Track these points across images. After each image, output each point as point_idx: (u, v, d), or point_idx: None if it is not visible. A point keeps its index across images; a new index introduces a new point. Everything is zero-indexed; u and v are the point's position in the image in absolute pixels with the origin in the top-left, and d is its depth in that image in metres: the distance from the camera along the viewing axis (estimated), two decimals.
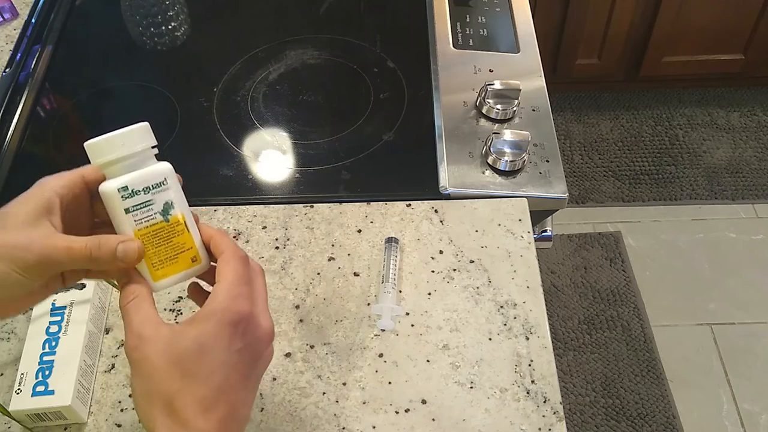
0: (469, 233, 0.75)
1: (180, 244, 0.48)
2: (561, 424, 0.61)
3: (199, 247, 0.49)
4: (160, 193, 0.47)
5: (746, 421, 1.55)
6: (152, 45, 0.98)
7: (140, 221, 0.46)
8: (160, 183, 0.47)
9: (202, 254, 0.49)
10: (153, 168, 0.47)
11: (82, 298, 0.66)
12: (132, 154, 0.46)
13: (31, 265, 0.43)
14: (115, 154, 0.46)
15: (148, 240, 0.47)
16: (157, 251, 0.47)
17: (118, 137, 0.46)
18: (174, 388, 0.42)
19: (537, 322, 0.68)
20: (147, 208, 0.46)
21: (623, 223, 1.90)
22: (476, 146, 0.81)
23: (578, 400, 1.59)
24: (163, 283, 0.48)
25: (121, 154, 0.46)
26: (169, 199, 0.47)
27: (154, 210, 0.47)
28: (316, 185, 0.81)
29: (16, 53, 0.96)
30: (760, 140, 2.05)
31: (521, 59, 0.91)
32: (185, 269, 0.48)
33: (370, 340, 0.67)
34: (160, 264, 0.47)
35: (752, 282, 1.77)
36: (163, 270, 0.47)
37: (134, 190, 0.46)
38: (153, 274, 0.47)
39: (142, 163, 0.47)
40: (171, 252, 0.48)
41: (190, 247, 0.48)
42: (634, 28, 1.90)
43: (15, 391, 0.60)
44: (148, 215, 0.47)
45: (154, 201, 0.47)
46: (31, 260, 0.43)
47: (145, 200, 0.46)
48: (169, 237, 0.47)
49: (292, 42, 0.97)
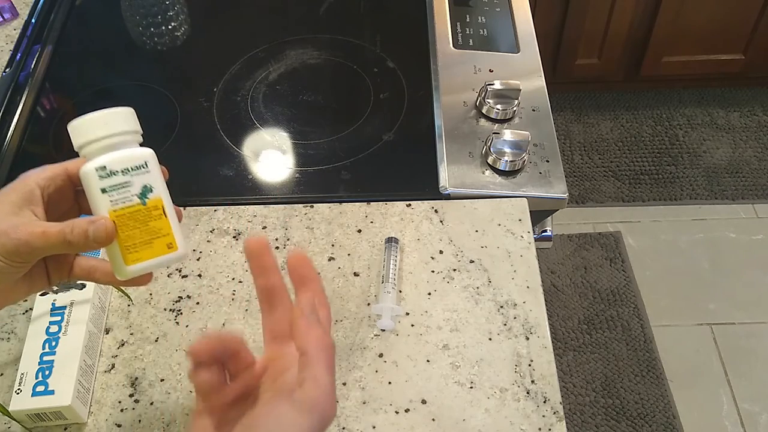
0: (469, 233, 0.75)
1: (156, 228, 0.47)
2: (561, 424, 0.61)
3: (177, 235, 0.48)
4: (140, 176, 0.46)
5: (746, 421, 1.55)
6: (152, 45, 0.98)
7: (116, 202, 0.46)
8: (140, 166, 0.47)
9: (179, 242, 0.48)
10: (134, 150, 0.47)
11: (82, 298, 0.66)
12: (112, 134, 0.46)
13: (11, 250, 0.44)
14: (95, 134, 0.46)
15: (124, 222, 0.46)
16: (132, 234, 0.46)
17: (100, 117, 0.46)
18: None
19: (537, 322, 0.68)
20: (124, 189, 0.46)
21: (623, 223, 1.90)
22: (476, 146, 0.81)
23: (578, 400, 1.59)
24: (136, 267, 0.47)
25: (102, 134, 0.46)
26: (148, 183, 0.47)
27: (132, 192, 0.46)
28: (316, 185, 0.81)
29: (16, 53, 0.96)
30: (760, 140, 2.05)
31: (521, 59, 0.91)
32: (160, 255, 0.47)
33: (370, 340, 0.67)
34: (134, 247, 0.46)
35: (752, 282, 1.77)
36: (137, 254, 0.46)
37: (112, 170, 0.46)
38: (126, 257, 0.46)
39: (123, 145, 0.47)
40: (146, 236, 0.47)
41: (167, 233, 0.47)
42: (634, 28, 1.90)
43: (15, 391, 0.60)
44: (125, 197, 0.46)
45: (132, 183, 0.46)
46: (10, 245, 0.44)
47: (123, 181, 0.46)
48: (145, 220, 0.47)
49: (292, 42, 0.98)
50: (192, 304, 0.70)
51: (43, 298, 0.66)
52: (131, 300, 0.71)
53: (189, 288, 0.72)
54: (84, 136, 0.46)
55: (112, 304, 0.71)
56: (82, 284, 0.67)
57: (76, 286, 0.67)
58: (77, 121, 0.46)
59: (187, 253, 0.49)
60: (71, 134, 0.47)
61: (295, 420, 0.41)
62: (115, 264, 0.48)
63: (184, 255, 0.48)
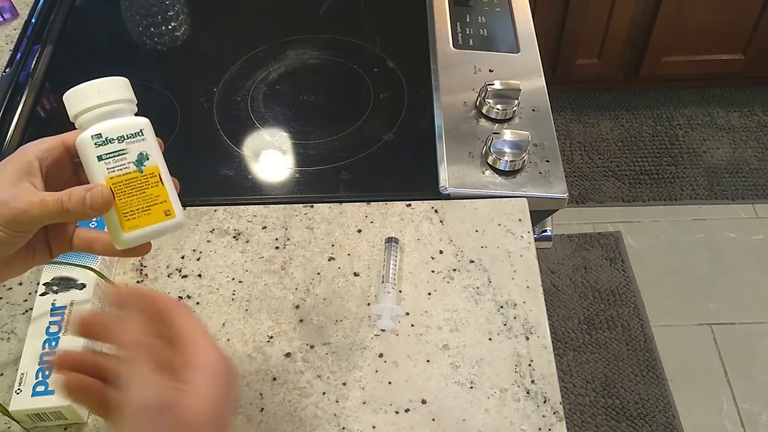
0: (469, 233, 0.75)
1: (153, 195, 0.47)
2: (561, 424, 0.61)
3: (174, 202, 0.48)
4: (135, 143, 0.47)
5: (746, 421, 1.55)
6: (152, 45, 0.98)
7: (113, 169, 0.46)
8: (136, 134, 0.47)
9: (176, 209, 0.48)
10: (129, 118, 0.48)
11: (82, 298, 0.66)
12: (107, 103, 0.47)
13: (10, 219, 0.44)
14: (90, 102, 0.46)
15: (120, 189, 0.46)
16: (129, 201, 0.47)
17: (94, 85, 0.47)
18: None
19: (537, 322, 0.68)
20: (120, 156, 0.46)
21: (623, 223, 1.90)
22: (476, 146, 0.81)
23: (578, 400, 1.59)
24: (134, 235, 0.47)
25: (96, 102, 0.46)
26: (144, 150, 0.47)
27: (128, 159, 0.47)
28: (316, 185, 0.81)
29: (16, 53, 0.96)
30: (760, 140, 2.05)
31: (521, 59, 0.91)
32: (158, 222, 0.48)
33: (370, 340, 0.67)
34: (132, 215, 0.47)
35: (752, 282, 1.77)
36: (134, 221, 0.47)
37: (108, 137, 0.46)
38: (123, 224, 0.47)
39: (118, 113, 0.47)
40: (143, 203, 0.47)
41: (164, 200, 0.48)
42: (634, 28, 1.90)
43: (15, 391, 0.60)
44: (122, 164, 0.46)
45: (128, 150, 0.46)
46: (9, 215, 0.44)
47: (119, 149, 0.46)
48: (142, 188, 0.47)
49: (292, 42, 0.98)
50: (192, 304, 0.70)
51: (43, 298, 0.66)
52: None
53: (189, 288, 0.72)
54: (79, 104, 0.47)
55: None
56: (82, 284, 0.67)
57: (76, 286, 0.67)
58: (72, 90, 0.47)
59: (184, 222, 0.49)
60: (66, 103, 0.47)
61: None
62: (113, 233, 0.48)
63: (181, 222, 0.49)
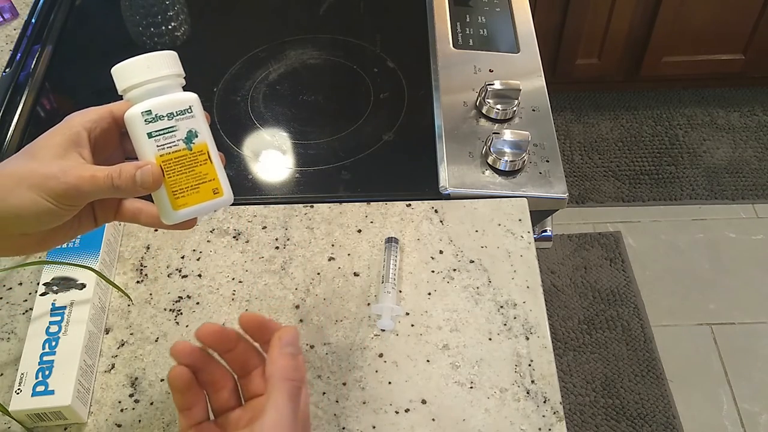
0: (469, 233, 0.75)
1: (202, 174, 0.47)
2: (561, 424, 0.61)
3: (222, 180, 0.48)
4: (185, 120, 0.46)
5: (746, 421, 1.55)
6: (152, 45, 0.98)
7: (162, 147, 0.46)
8: (185, 110, 0.47)
9: (224, 187, 0.48)
10: (178, 95, 0.47)
11: (82, 298, 0.66)
12: (157, 78, 0.46)
13: (60, 193, 0.44)
14: (139, 78, 0.46)
15: (170, 167, 0.46)
16: (178, 179, 0.46)
17: (144, 60, 0.46)
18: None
19: (537, 322, 0.68)
20: (170, 134, 0.46)
21: (623, 223, 1.90)
22: (476, 146, 0.81)
23: (578, 400, 1.59)
24: (184, 212, 0.47)
25: (146, 78, 0.46)
26: (192, 128, 0.47)
27: (177, 137, 0.46)
28: (316, 185, 0.81)
29: (16, 53, 0.96)
30: (760, 140, 2.05)
31: (521, 59, 0.91)
32: (206, 200, 0.47)
33: (370, 340, 0.67)
34: (181, 192, 0.47)
35: (752, 282, 1.77)
36: (183, 199, 0.47)
37: (158, 114, 0.46)
38: (173, 202, 0.47)
39: (167, 89, 0.47)
40: (192, 181, 0.47)
41: (213, 178, 0.48)
42: (634, 28, 1.90)
43: (15, 391, 0.60)
44: (171, 141, 0.46)
45: (177, 128, 0.46)
46: (60, 189, 0.44)
47: (169, 126, 0.46)
48: (191, 165, 0.47)
49: (292, 42, 0.98)
50: (192, 304, 0.70)
51: (43, 298, 0.66)
52: (131, 300, 0.71)
53: (189, 288, 0.72)
54: (128, 79, 0.46)
55: (112, 304, 0.71)
56: (82, 284, 0.67)
57: (77, 286, 0.67)
58: (121, 64, 0.46)
59: (231, 199, 0.49)
60: (115, 77, 0.47)
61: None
62: (162, 209, 0.48)
63: (229, 199, 0.49)
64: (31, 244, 0.48)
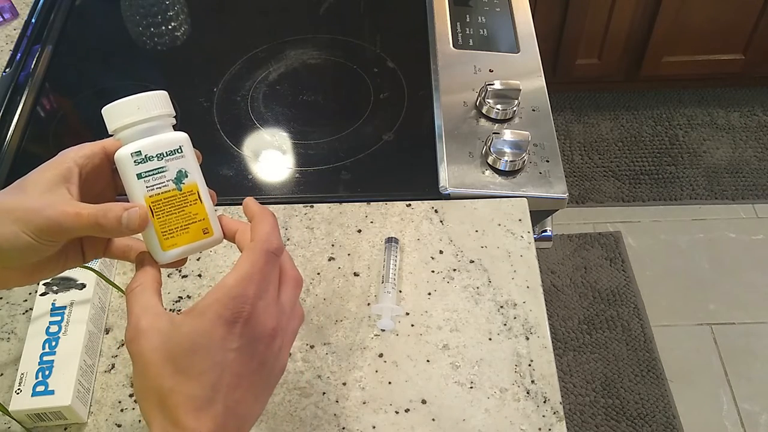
0: (469, 233, 0.75)
1: (192, 214, 0.47)
2: (561, 424, 0.61)
3: (212, 220, 0.48)
4: (175, 160, 0.46)
5: (746, 421, 1.55)
6: (152, 45, 0.98)
7: (152, 188, 0.46)
8: (175, 150, 0.46)
9: (214, 227, 0.48)
10: (169, 135, 0.47)
11: (82, 298, 0.66)
12: (147, 119, 0.46)
13: (41, 228, 0.43)
14: (130, 118, 0.46)
15: (160, 207, 0.46)
16: (167, 219, 0.46)
17: (134, 101, 0.46)
18: (166, 385, 0.41)
19: (537, 322, 0.68)
20: (160, 174, 0.46)
21: (623, 223, 1.90)
22: (476, 146, 0.81)
23: (578, 400, 1.59)
24: (173, 253, 0.47)
25: (137, 119, 0.46)
26: (183, 168, 0.47)
27: (167, 177, 0.46)
28: (316, 185, 0.81)
29: (16, 53, 0.96)
30: (760, 140, 2.05)
31: (521, 59, 0.91)
32: (196, 240, 0.47)
33: (370, 340, 0.67)
34: (170, 233, 0.46)
35: (752, 282, 1.77)
36: (173, 239, 0.47)
37: (147, 155, 0.46)
38: (162, 242, 0.46)
39: (158, 129, 0.47)
40: (182, 221, 0.47)
41: (203, 218, 0.48)
42: (634, 28, 1.90)
43: (15, 391, 0.60)
44: (161, 182, 0.46)
45: (167, 168, 0.46)
46: (41, 223, 0.43)
47: (159, 167, 0.46)
48: (181, 206, 0.47)
49: (292, 42, 0.98)
50: (191, 304, 0.70)
51: (43, 298, 0.66)
52: None
53: (189, 288, 0.72)
54: (118, 120, 0.46)
55: (112, 304, 0.71)
56: (82, 284, 0.67)
57: (77, 286, 0.67)
58: (111, 105, 0.46)
59: (221, 238, 0.49)
60: (105, 118, 0.47)
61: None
62: (151, 248, 0.48)
63: (219, 239, 0.49)
64: (16, 278, 0.47)
